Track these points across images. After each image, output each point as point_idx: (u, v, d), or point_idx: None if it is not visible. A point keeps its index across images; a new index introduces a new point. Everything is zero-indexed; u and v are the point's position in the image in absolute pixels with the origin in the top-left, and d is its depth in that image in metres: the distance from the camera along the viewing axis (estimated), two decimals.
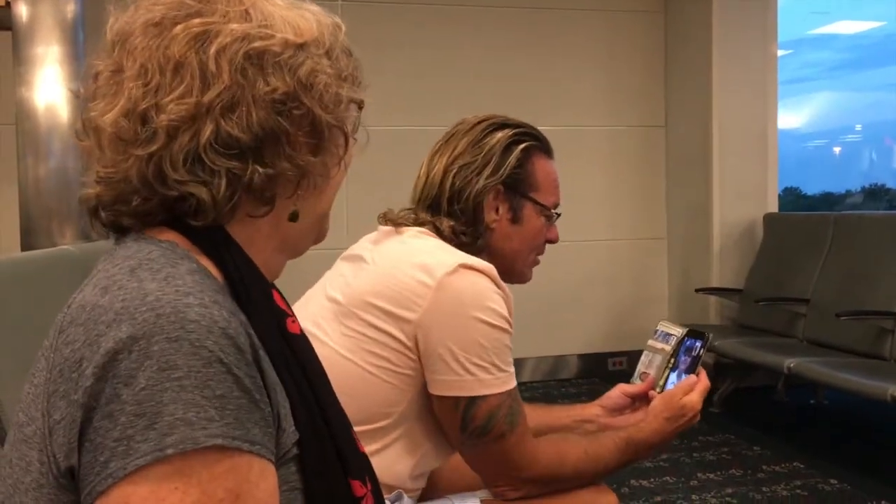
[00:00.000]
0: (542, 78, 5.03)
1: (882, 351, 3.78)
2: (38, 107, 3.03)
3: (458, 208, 1.44)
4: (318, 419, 0.78)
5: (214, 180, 0.76)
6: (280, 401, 0.74)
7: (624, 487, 3.21)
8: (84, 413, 0.66)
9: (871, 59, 10.16)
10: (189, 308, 0.68)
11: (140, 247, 0.76)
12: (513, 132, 1.48)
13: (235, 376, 0.67)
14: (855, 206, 7.41)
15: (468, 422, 1.32)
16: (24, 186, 3.09)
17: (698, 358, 1.56)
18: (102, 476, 0.64)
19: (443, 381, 1.32)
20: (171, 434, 0.63)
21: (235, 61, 0.77)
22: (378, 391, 1.33)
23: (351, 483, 0.80)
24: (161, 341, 0.65)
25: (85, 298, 0.71)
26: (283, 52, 0.79)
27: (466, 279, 1.32)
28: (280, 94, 0.78)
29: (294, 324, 0.83)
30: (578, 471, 1.42)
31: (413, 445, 1.38)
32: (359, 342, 1.33)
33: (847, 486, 3.25)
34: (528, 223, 1.49)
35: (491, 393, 1.32)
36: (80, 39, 3.07)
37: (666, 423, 1.50)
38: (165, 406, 0.64)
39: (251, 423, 0.67)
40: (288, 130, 0.79)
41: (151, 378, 0.64)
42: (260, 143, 0.77)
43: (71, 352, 0.68)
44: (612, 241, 5.21)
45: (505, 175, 1.45)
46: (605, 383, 4.98)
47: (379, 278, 1.35)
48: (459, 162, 1.45)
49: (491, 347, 1.31)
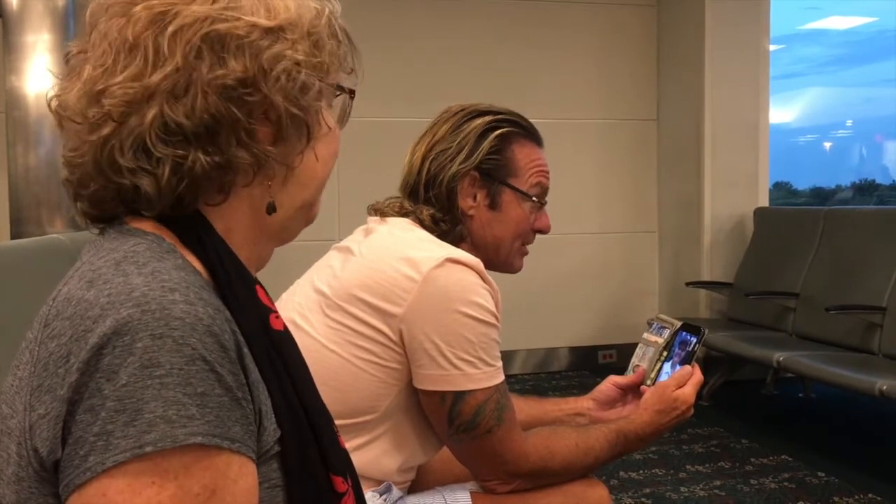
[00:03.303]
0: (534, 70, 5.02)
1: (870, 345, 3.80)
2: (28, 95, 3.02)
3: (433, 194, 1.44)
4: (301, 416, 0.78)
5: (159, 169, 0.74)
6: (262, 398, 0.73)
7: (613, 479, 3.22)
8: (68, 407, 0.65)
9: (862, 54, 10.19)
10: (174, 305, 0.67)
11: (125, 239, 0.76)
12: (492, 118, 1.46)
13: (218, 374, 0.67)
14: (845, 201, 7.43)
15: (455, 417, 1.32)
16: (13, 175, 3.08)
17: (693, 352, 1.55)
18: (81, 469, 0.64)
19: (428, 375, 1.31)
20: (151, 432, 0.63)
21: (191, 43, 0.74)
22: (364, 385, 1.32)
23: (333, 479, 0.79)
24: (145, 338, 0.65)
25: (70, 292, 0.71)
26: (247, 35, 0.76)
27: (452, 273, 1.30)
28: (232, 79, 0.75)
29: (277, 320, 0.82)
30: (568, 465, 1.41)
31: (400, 439, 1.37)
32: (344, 335, 1.32)
33: (835, 478, 3.27)
34: (508, 210, 1.47)
35: (478, 388, 1.31)
36: (70, 27, 3.05)
37: (657, 416, 1.49)
38: (146, 403, 0.64)
39: (232, 421, 0.67)
40: (239, 118, 0.76)
41: (133, 375, 0.64)
42: (206, 129, 0.75)
43: (57, 346, 0.68)
44: (603, 235, 5.22)
45: (478, 160, 1.43)
46: (595, 376, 4.99)
47: (365, 271, 1.34)
48: (437, 148, 1.44)
49: (477, 342, 1.30)
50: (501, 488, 1.39)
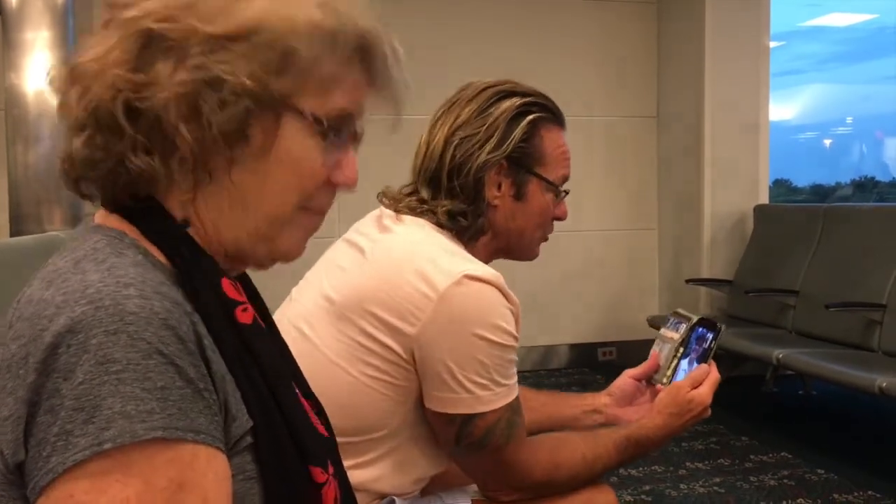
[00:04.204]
0: (534, 68, 5.00)
1: (870, 342, 3.80)
2: (28, 92, 3.02)
3: (457, 184, 1.34)
4: (272, 407, 0.77)
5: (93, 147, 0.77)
6: (229, 389, 0.73)
7: (613, 477, 3.22)
8: (28, 409, 0.65)
9: (862, 51, 10.19)
10: (128, 300, 0.67)
11: (88, 236, 0.76)
12: (521, 101, 1.37)
13: (177, 366, 0.67)
14: (845, 198, 7.43)
15: (464, 437, 1.28)
16: (13, 172, 3.08)
17: (710, 349, 1.50)
18: (44, 471, 0.64)
19: (439, 397, 1.26)
20: (109, 428, 0.63)
21: (128, 32, 0.74)
22: (373, 402, 1.27)
23: (311, 470, 0.79)
24: (99, 334, 0.65)
25: (32, 293, 0.71)
26: (183, 41, 0.74)
27: (471, 291, 1.23)
28: (132, 84, 0.73)
29: (245, 313, 0.80)
30: (574, 476, 1.38)
31: (409, 455, 1.33)
32: (352, 350, 1.26)
33: (834, 475, 3.27)
34: (532, 200, 1.40)
35: (488, 409, 1.26)
36: (69, 24, 3.05)
37: (671, 419, 1.45)
38: (104, 400, 0.63)
39: (195, 413, 0.67)
40: (123, 127, 0.75)
41: (89, 372, 0.64)
42: (86, 123, 0.76)
43: (17, 348, 0.68)
44: (604, 232, 5.22)
45: (510, 150, 1.35)
46: (594, 373, 5.00)
47: (378, 283, 1.27)
48: (461, 133, 1.34)
49: (491, 364, 1.24)
50: (505, 497, 1.37)
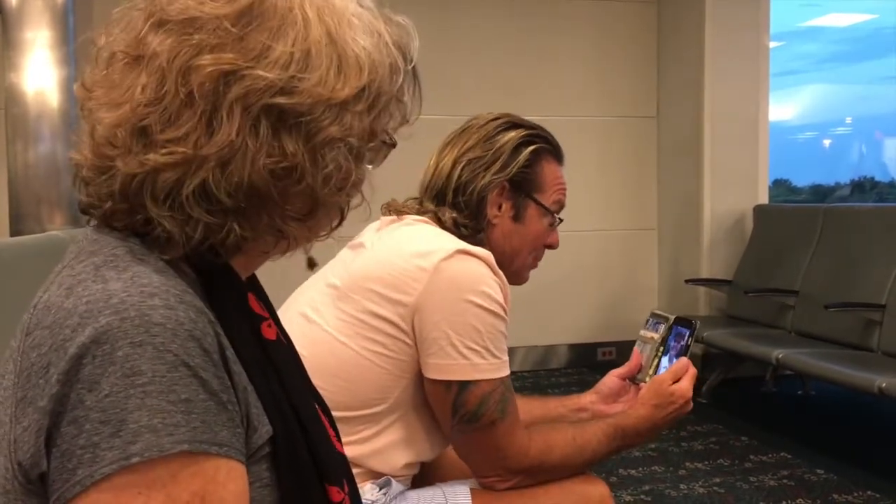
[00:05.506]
0: (533, 68, 5.02)
1: (870, 342, 3.80)
2: (28, 92, 3.02)
3: (462, 200, 1.47)
4: (291, 420, 0.77)
5: (189, 226, 0.73)
6: (251, 400, 0.73)
7: (612, 476, 3.23)
8: (51, 419, 0.65)
9: (862, 52, 10.18)
10: (154, 311, 0.66)
11: (106, 241, 0.74)
12: (525, 133, 1.51)
13: (202, 379, 0.66)
14: (844, 198, 7.43)
15: (459, 406, 1.33)
16: (13, 172, 3.08)
17: (687, 346, 1.57)
18: (71, 483, 0.64)
19: (436, 364, 1.33)
20: (136, 442, 0.63)
21: (251, 113, 0.72)
22: (373, 376, 1.34)
23: (328, 489, 0.79)
24: (125, 346, 0.64)
25: (50, 299, 0.70)
26: (308, 112, 0.73)
27: (463, 263, 1.34)
28: (282, 167, 0.73)
29: (270, 328, 0.81)
30: (566, 459, 1.42)
31: (408, 433, 1.39)
32: (355, 327, 1.34)
33: (834, 476, 3.27)
34: (529, 223, 1.52)
35: (483, 378, 1.33)
36: (69, 24, 3.05)
37: (654, 410, 1.50)
38: (130, 413, 0.63)
39: (219, 426, 0.67)
40: (278, 202, 0.74)
41: (115, 385, 0.64)
42: (245, 206, 0.73)
43: (38, 356, 0.67)
44: (603, 232, 5.22)
45: (512, 173, 1.48)
46: (594, 373, 4.99)
47: (377, 264, 1.37)
48: (469, 155, 1.48)
49: (485, 332, 1.32)
50: (500, 485, 1.40)
